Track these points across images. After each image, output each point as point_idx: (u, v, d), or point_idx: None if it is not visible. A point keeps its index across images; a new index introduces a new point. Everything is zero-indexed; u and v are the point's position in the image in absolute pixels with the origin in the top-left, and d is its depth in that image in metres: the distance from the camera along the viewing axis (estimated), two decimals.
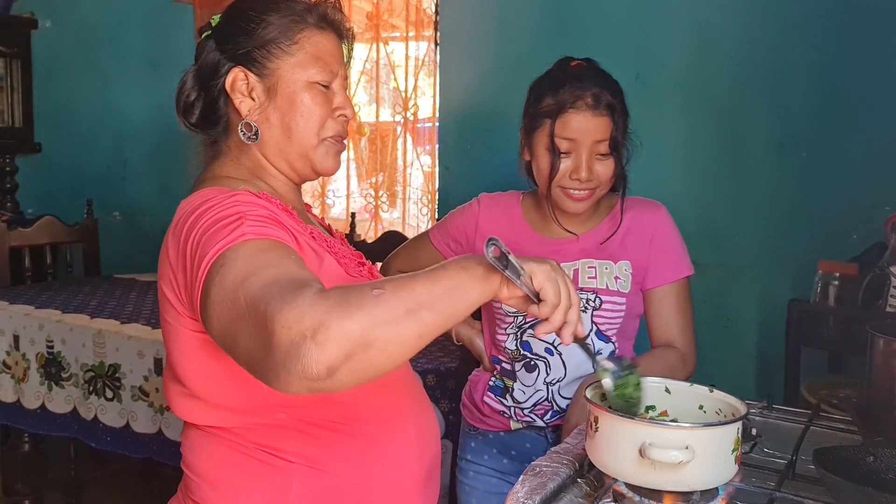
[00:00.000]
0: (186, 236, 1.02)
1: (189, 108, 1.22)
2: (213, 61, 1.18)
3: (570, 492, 1.07)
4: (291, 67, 1.15)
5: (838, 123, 2.25)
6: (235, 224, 0.97)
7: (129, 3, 3.72)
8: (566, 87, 1.53)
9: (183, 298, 1.04)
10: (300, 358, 0.80)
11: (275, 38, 1.15)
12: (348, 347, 0.81)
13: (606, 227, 1.61)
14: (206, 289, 0.94)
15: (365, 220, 3.44)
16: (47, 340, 2.55)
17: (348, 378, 0.83)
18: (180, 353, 1.10)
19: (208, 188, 1.11)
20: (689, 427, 0.97)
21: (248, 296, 0.87)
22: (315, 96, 1.16)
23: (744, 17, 2.38)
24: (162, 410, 2.31)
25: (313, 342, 0.80)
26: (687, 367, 1.57)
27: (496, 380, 1.66)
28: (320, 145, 1.18)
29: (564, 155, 1.53)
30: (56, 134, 4.03)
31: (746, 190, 2.38)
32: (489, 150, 2.88)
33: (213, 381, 1.08)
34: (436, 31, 3.03)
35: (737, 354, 2.37)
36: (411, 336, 0.86)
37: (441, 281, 0.89)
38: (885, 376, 1.18)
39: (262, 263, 0.91)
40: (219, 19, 1.21)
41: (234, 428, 1.10)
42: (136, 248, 3.74)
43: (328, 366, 0.81)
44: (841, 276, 2.02)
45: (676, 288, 1.60)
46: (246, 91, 1.16)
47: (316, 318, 0.81)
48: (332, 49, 1.19)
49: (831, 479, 0.97)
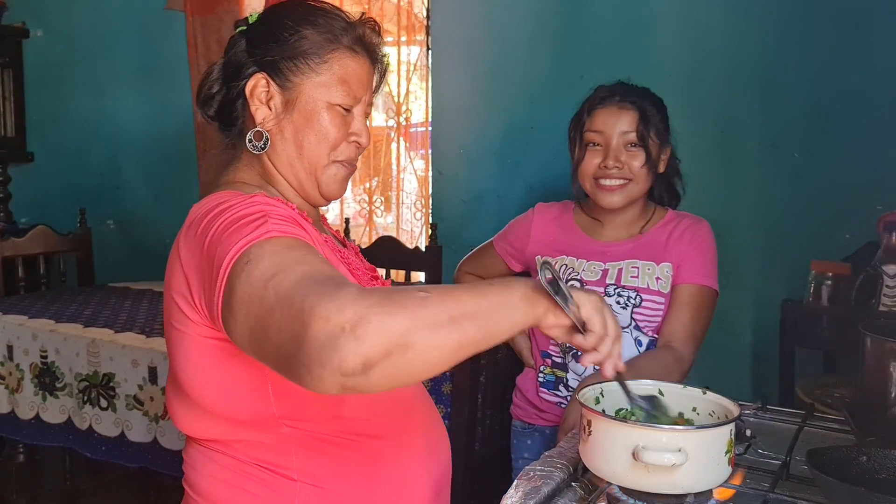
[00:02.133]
0: (202, 235, 0.99)
1: (208, 100, 1.20)
2: (239, 61, 1.16)
3: (565, 495, 1.07)
4: (315, 86, 1.13)
5: (830, 123, 2.26)
6: (259, 221, 0.95)
7: (121, 12, 3.72)
8: (597, 94, 1.68)
9: (195, 303, 1.01)
10: (337, 350, 0.78)
11: (305, 53, 1.12)
12: (387, 345, 0.79)
13: (654, 234, 1.69)
14: (231, 286, 0.91)
15: (359, 226, 3.44)
16: (41, 350, 2.54)
17: (383, 378, 0.80)
18: (187, 361, 1.06)
19: (223, 191, 1.10)
20: (682, 430, 0.97)
21: (280, 290, 0.85)
22: (333, 118, 1.14)
23: (735, 18, 2.39)
24: (157, 419, 2.30)
25: (352, 335, 0.78)
26: (681, 367, 1.59)
27: (547, 374, 1.73)
28: (330, 166, 1.16)
29: (595, 147, 1.65)
30: (49, 143, 4.02)
31: (739, 190, 2.39)
32: (482, 154, 2.88)
33: (220, 390, 1.06)
34: (427, 35, 3.03)
35: (732, 355, 2.38)
36: (452, 344, 0.83)
37: (488, 296, 0.87)
38: (876, 376, 1.18)
39: (291, 260, 0.89)
40: (256, 17, 1.19)
41: (236, 443, 1.08)
42: (131, 256, 3.74)
43: (364, 361, 0.78)
44: (834, 276, 2.03)
45: (697, 292, 1.64)
46: (264, 99, 1.14)
47: (358, 311, 0.79)
48: (361, 74, 1.16)
49: (824, 479, 0.97)
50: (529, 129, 2.74)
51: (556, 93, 2.60)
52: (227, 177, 1.18)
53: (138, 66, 3.70)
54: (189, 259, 1.02)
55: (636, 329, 1.66)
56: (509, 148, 2.80)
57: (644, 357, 1.61)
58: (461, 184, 2.94)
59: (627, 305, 1.65)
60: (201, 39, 3.44)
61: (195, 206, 1.08)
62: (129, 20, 3.70)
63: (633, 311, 1.65)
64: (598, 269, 1.67)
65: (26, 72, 4.03)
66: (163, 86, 3.62)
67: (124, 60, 3.74)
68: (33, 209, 3.95)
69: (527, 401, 1.78)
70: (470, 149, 2.91)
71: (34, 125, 4.06)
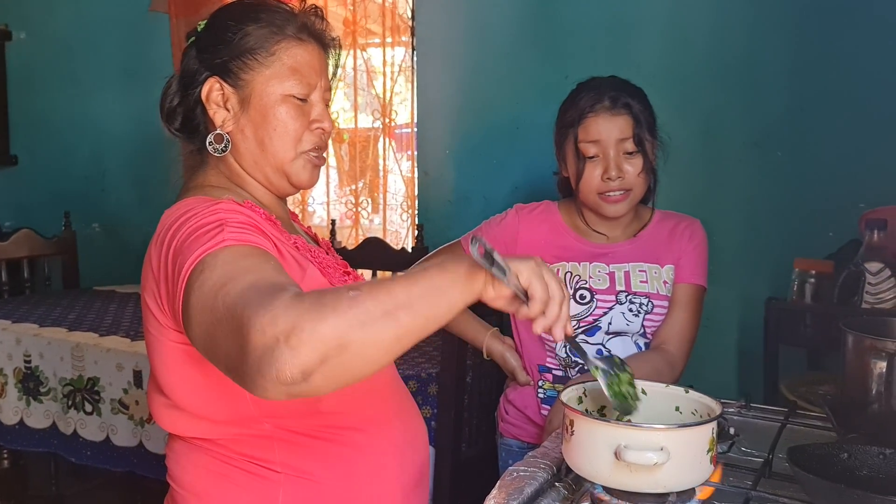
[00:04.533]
0: (168, 244, 1.01)
1: (171, 114, 1.20)
2: (192, 69, 1.16)
3: (548, 496, 1.07)
4: (266, 79, 1.13)
5: (812, 122, 2.27)
6: (216, 231, 0.97)
7: (105, 14, 3.69)
8: (584, 96, 1.60)
9: (165, 308, 1.03)
10: (274, 362, 0.79)
11: (251, 49, 1.13)
12: (322, 350, 0.80)
13: (648, 233, 1.66)
14: (187, 295, 0.93)
15: (346, 227, 3.44)
16: (25, 355, 2.52)
17: (325, 382, 0.82)
18: (164, 365, 1.09)
19: (191, 198, 1.10)
20: (664, 428, 0.97)
21: (227, 301, 0.86)
22: (290, 110, 1.14)
23: (718, 18, 2.40)
24: (142, 423, 2.29)
25: (286, 346, 0.79)
26: (674, 372, 1.57)
27: (548, 389, 1.65)
28: (297, 159, 1.16)
29: (592, 159, 1.58)
30: (33, 146, 3.99)
31: (722, 190, 2.40)
32: (468, 154, 2.88)
33: (197, 393, 1.07)
34: (412, 36, 3.03)
35: (717, 354, 2.39)
36: (388, 338, 0.84)
37: (420, 282, 0.87)
38: (858, 373, 1.19)
39: (240, 269, 0.90)
40: (203, 25, 1.19)
41: (219, 439, 1.09)
42: (116, 259, 3.71)
43: (302, 369, 0.80)
44: (817, 274, 2.03)
45: (694, 292, 1.64)
46: (221, 101, 1.14)
47: (289, 320, 0.80)
48: (312, 61, 1.17)
49: (805, 476, 0.98)
50: (515, 130, 2.74)
51: (541, 93, 2.60)
52: (196, 181, 1.18)
53: (122, 69, 3.68)
54: (158, 267, 1.04)
55: (642, 336, 1.62)
56: (495, 148, 2.80)
57: (637, 359, 1.56)
58: (447, 184, 2.94)
59: (640, 313, 1.61)
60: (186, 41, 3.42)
61: (165, 212, 1.10)
62: (112, 22, 3.68)
63: (645, 318, 1.61)
64: (604, 273, 1.62)
65: (9, 74, 4.00)
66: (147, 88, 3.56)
67: (108, 63, 3.71)
68: (17, 213, 3.92)
69: (525, 418, 1.69)
70: (456, 149, 2.91)
71: (17, 128, 4.03)
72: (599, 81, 1.62)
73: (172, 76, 1.21)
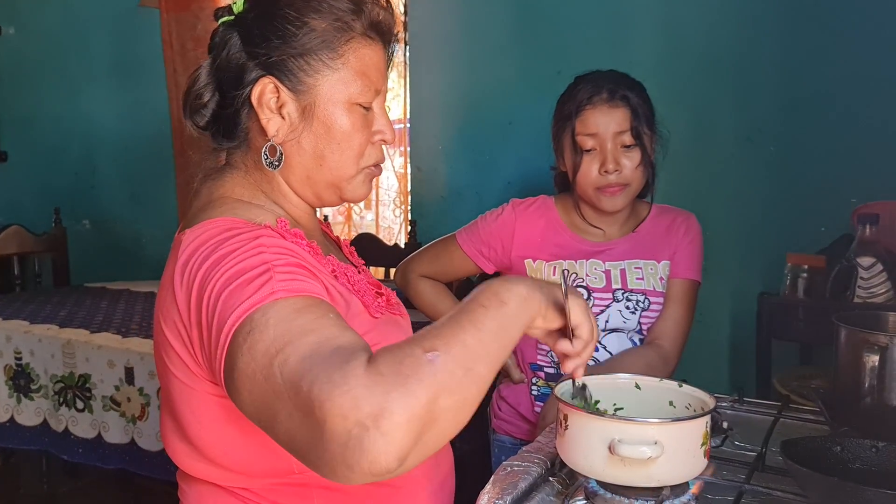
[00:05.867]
0: (201, 287, 0.86)
1: (199, 110, 1.04)
2: (238, 65, 1.00)
3: (542, 490, 1.07)
4: (332, 85, 0.99)
5: (805, 118, 2.28)
6: (264, 278, 0.82)
7: (95, 9, 3.67)
8: (582, 88, 1.58)
9: (199, 359, 0.90)
10: (365, 452, 0.68)
11: (316, 49, 0.98)
12: (417, 430, 0.70)
13: (645, 229, 1.65)
14: (232, 357, 0.80)
15: (339, 223, 3.43)
16: (15, 352, 2.50)
17: (418, 459, 0.73)
18: (195, 418, 0.95)
19: (221, 218, 0.95)
20: (658, 423, 0.97)
21: (286, 371, 0.74)
22: (356, 121, 1.01)
23: (711, 13, 2.40)
24: (134, 420, 2.28)
25: (378, 432, 0.68)
26: (668, 367, 1.58)
27: (541, 387, 1.65)
28: (358, 175, 1.04)
29: (590, 152, 1.56)
30: (22, 142, 3.97)
31: (715, 184, 2.40)
32: (461, 150, 2.88)
33: (231, 448, 0.95)
34: (405, 31, 3.02)
35: (710, 348, 2.39)
36: (473, 396, 0.76)
37: (487, 324, 0.79)
38: (850, 367, 1.19)
39: (298, 329, 0.77)
40: (243, 6, 1.01)
41: (255, 488, 0.99)
42: (107, 256, 3.70)
43: (399, 455, 0.69)
44: (809, 269, 2.04)
45: (689, 287, 1.64)
46: (275, 107, 0.99)
47: (375, 402, 0.69)
48: (379, 63, 1.03)
49: (798, 470, 0.98)
50: (507, 125, 2.74)
51: (533, 88, 2.60)
52: (222, 190, 1.03)
53: (113, 64, 3.66)
54: (187, 310, 0.89)
55: (638, 332, 1.62)
56: (487, 143, 2.80)
57: (630, 355, 1.56)
58: (440, 180, 2.93)
59: (636, 310, 1.60)
60: (176, 37, 3.41)
61: (189, 233, 0.94)
62: (102, 17, 3.66)
63: (642, 314, 1.61)
64: (600, 271, 1.61)
65: None
66: (138, 84, 3.58)
67: (99, 58, 3.69)
68: (7, 209, 3.90)
69: (518, 415, 1.68)
70: (448, 145, 2.91)
71: (7, 124, 4.01)
72: (598, 74, 1.61)
73: (201, 66, 1.05)
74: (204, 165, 1.08)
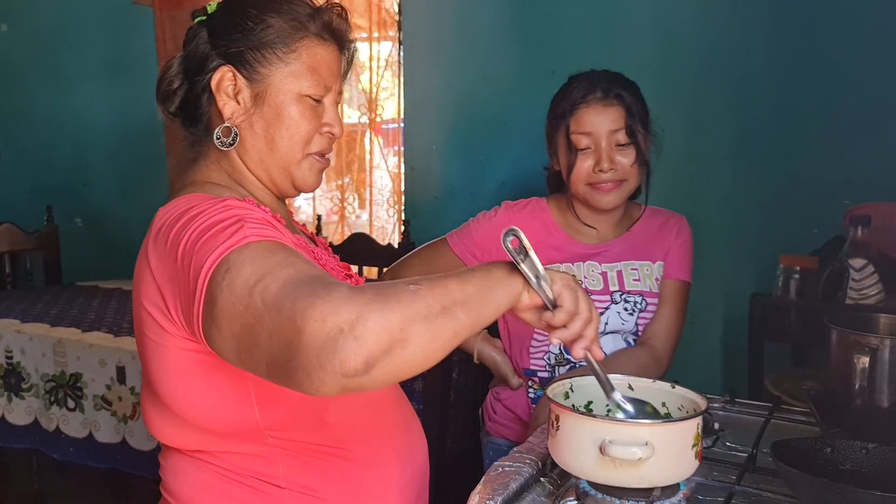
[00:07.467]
0: (174, 244, 0.94)
1: (170, 96, 1.14)
2: (203, 54, 1.10)
3: (533, 491, 1.07)
4: (284, 77, 1.09)
5: (798, 119, 2.28)
6: (236, 226, 0.91)
7: (88, 6, 3.65)
8: (576, 87, 1.59)
9: (172, 315, 0.96)
10: (337, 352, 0.76)
11: (272, 43, 1.08)
12: (387, 341, 0.78)
13: (639, 229, 1.66)
14: (211, 297, 0.86)
15: (332, 223, 3.42)
16: (6, 351, 2.49)
17: (384, 375, 0.79)
18: (165, 373, 1.02)
19: (191, 194, 1.05)
20: (649, 423, 0.97)
21: (267, 296, 0.81)
22: (304, 110, 1.10)
23: (705, 14, 2.40)
24: (125, 419, 2.27)
25: (351, 334, 0.76)
26: (660, 368, 1.58)
27: (537, 390, 1.64)
28: (304, 160, 1.12)
29: (584, 151, 1.57)
30: (14, 139, 3.95)
31: (708, 186, 2.41)
32: (455, 150, 2.87)
33: (201, 403, 1.02)
34: (399, 31, 3.02)
35: (702, 349, 2.40)
36: (448, 334, 0.83)
37: (472, 281, 0.87)
38: (841, 368, 1.20)
39: (274, 264, 0.85)
40: (216, 7, 1.13)
41: (221, 453, 1.05)
42: (99, 255, 3.68)
43: (367, 360, 0.77)
44: (802, 270, 2.04)
45: (681, 288, 1.64)
46: (232, 93, 1.09)
47: (353, 310, 0.77)
48: (331, 62, 1.13)
49: (788, 471, 0.98)
50: (501, 125, 2.74)
51: (527, 88, 2.59)
52: (194, 176, 1.13)
53: (106, 62, 3.65)
54: (161, 269, 0.97)
55: (633, 334, 1.62)
56: (481, 143, 2.80)
57: (623, 356, 1.57)
58: (433, 180, 2.93)
59: (634, 311, 1.61)
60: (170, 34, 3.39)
61: (161, 210, 1.03)
62: (95, 15, 3.64)
63: (639, 316, 1.61)
64: (597, 274, 1.61)
65: None
66: (131, 82, 3.56)
67: (91, 56, 3.68)
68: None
69: (515, 418, 1.68)
70: (442, 145, 2.90)
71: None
72: (592, 74, 1.61)
73: (175, 57, 1.15)
74: (180, 157, 1.18)
